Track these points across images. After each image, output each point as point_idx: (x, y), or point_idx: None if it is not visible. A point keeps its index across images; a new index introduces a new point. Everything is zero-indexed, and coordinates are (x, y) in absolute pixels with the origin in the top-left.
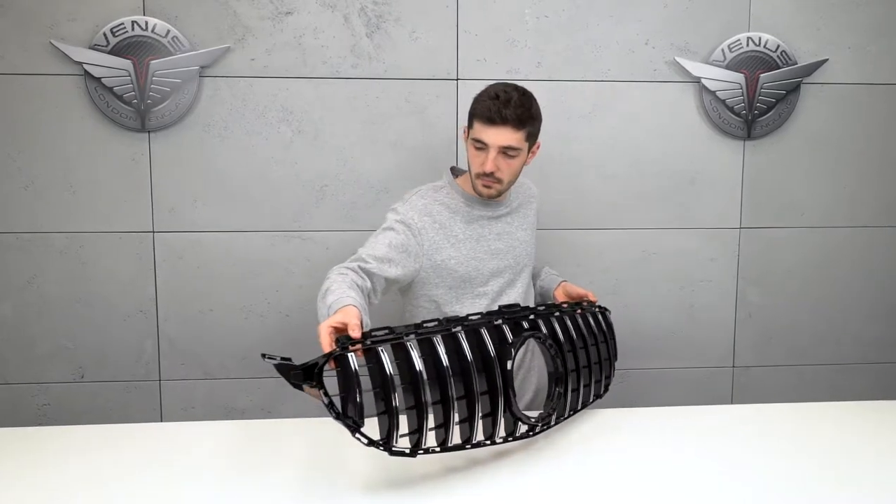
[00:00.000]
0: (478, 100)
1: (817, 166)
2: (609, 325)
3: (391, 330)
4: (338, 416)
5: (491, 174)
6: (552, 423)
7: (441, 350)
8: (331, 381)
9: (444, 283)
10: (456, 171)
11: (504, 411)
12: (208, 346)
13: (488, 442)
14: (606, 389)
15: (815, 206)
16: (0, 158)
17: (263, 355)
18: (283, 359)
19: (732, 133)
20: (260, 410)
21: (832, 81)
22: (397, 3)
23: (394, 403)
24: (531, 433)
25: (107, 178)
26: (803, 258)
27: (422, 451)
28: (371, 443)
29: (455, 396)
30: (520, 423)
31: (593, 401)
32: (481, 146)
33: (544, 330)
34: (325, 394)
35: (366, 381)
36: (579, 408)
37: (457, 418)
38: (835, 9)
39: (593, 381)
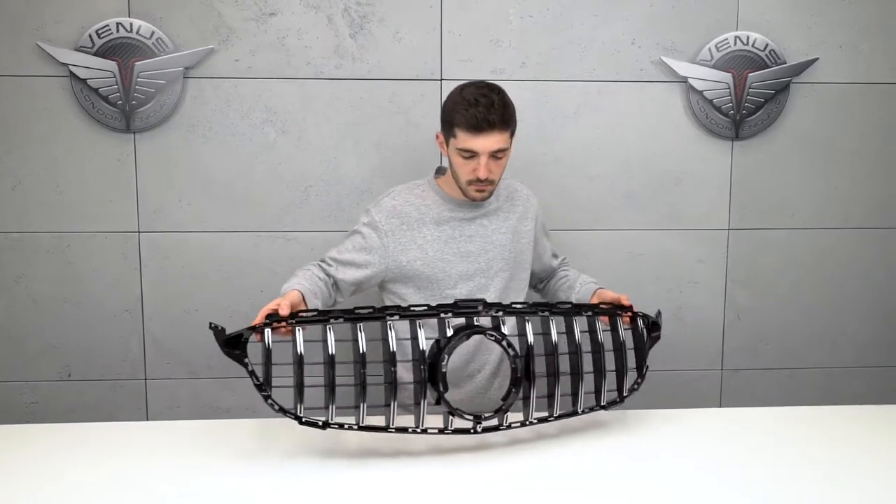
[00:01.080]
0: (455, 109)
1: (808, 167)
2: (640, 333)
3: (323, 313)
4: (256, 385)
5: (486, 179)
6: (504, 423)
7: (361, 336)
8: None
9: (412, 284)
10: (442, 170)
11: (437, 403)
12: (193, 345)
13: (419, 430)
14: (621, 400)
15: (805, 207)
16: None
17: (210, 324)
18: (221, 328)
19: (720, 133)
20: (244, 410)
21: (823, 81)
22: (381, 4)
23: (298, 379)
24: (472, 430)
25: (93, 179)
26: (793, 259)
27: (335, 426)
28: (281, 410)
29: (368, 381)
30: (454, 417)
31: (590, 410)
32: (470, 155)
33: (504, 329)
34: (248, 363)
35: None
36: (556, 414)
37: (382, 402)
38: (826, 7)
39: (583, 390)
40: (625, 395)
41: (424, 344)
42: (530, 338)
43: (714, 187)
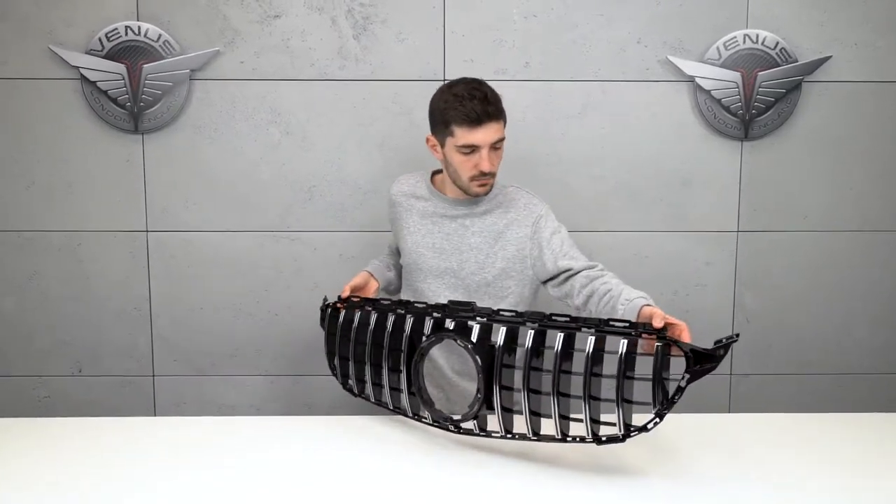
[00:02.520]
0: (448, 108)
1: (819, 168)
2: (660, 363)
3: (362, 300)
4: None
5: (489, 172)
6: (478, 430)
7: (372, 323)
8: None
9: (404, 269)
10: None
11: (416, 394)
12: (199, 343)
13: (412, 416)
14: (622, 439)
15: (816, 209)
16: (3, 160)
17: (325, 298)
18: (325, 299)
19: (729, 133)
20: (249, 407)
21: (836, 79)
22: (384, 5)
23: (342, 351)
24: (450, 429)
25: (102, 179)
26: (804, 263)
27: (362, 397)
28: (334, 374)
29: (371, 362)
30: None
31: (581, 441)
32: (471, 150)
33: (473, 336)
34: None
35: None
36: (536, 433)
37: (379, 381)
38: (839, 3)
39: (559, 414)
40: (624, 432)
41: (406, 338)
42: (497, 345)
43: (722, 188)
